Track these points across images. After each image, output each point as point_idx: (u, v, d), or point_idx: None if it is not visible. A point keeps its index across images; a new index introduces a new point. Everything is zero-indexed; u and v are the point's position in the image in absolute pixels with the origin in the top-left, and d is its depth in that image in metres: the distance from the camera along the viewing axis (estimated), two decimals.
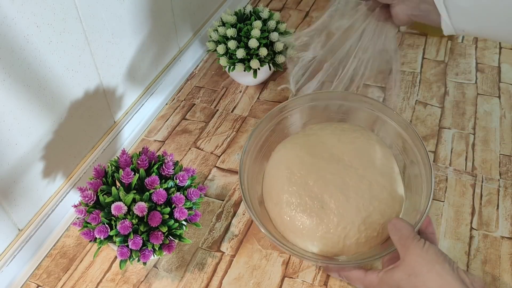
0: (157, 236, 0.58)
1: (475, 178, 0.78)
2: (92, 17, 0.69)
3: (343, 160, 0.67)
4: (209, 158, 0.83)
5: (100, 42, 0.72)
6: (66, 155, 0.72)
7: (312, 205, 0.63)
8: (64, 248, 0.71)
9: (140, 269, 0.68)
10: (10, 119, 0.60)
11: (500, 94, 0.93)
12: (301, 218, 0.63)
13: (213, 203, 0.76)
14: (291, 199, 0.64)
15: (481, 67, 0.99)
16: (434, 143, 0.84)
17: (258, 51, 0.86)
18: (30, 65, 0.60)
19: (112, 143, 0.81)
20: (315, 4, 1.21)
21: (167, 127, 0.89)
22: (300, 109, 0.74)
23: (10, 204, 0.64)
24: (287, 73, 0.77)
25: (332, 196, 0.63)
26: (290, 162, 0.67)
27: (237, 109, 0.92)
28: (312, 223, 0.62)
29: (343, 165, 0.66)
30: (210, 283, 0.66)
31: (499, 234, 0.70)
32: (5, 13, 0.54)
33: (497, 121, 0.87)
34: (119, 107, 0.83)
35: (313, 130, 0.73)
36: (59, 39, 0.64)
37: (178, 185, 0.62)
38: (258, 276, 0.66)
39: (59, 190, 0.73)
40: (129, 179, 0.60)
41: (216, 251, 0.70)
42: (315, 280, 0.66)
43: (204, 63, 1.04)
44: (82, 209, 0.59)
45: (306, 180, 0.65)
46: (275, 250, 0.69)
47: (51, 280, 0.67)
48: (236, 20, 0.89)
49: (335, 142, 0.69)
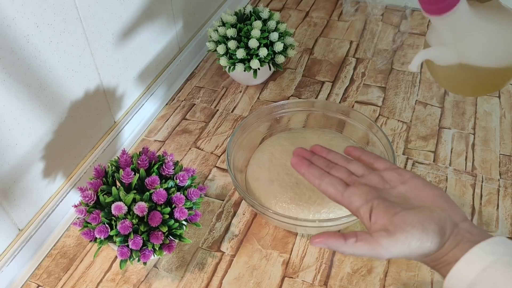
0: (157, 236, 0.58)
1: (475, 178, 0.78)
2: (92, 17, 0.69)
3: None
4: (209, 158, 0.83)
5: (100, 42, 0.72)
6: (66, 155, 0.73)
7: (288, 181, 0.71)
8: (64, 248, 0.71)
9: (140, 269, 0.68)
10: (10, 119, 0.60)
11: (500, 94, 0.93)
12: (277, 191, 0.70)
13: (213, 203, 0.76)
14: (270, 175, 0.73)
15: None
16: (434, 143, 0.84)
17: (258, 51, 0.86)
18: (30, 65, 0.60)
19: (112, 143, 0.81)
20: (315, 4, 1.22)
21: (167, 127, 0.89)
22: (293, 113, 0.82)
23: (10, 204, 0.64)
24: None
25: None
26: (273, 148, 0.77)
27: (237, 109, 0.92)
28: (287, 196, 0.69)
29: None
30: (210, 283, 0.66)
31: (499, 234, 0.70)
32: (5, 13, 0.54)
33: (497, 121, 0.87)
34: (119, 107, 0.83)
35: (297, 130, 0.82)
36: (59, 39, 0.64)
37: (178, 185, 0.62)
38: (258, 276, 0.66)
39: (59, 190, 0.73)
40: (129, 179, 0.60)
41: (216, 251, 0.70)
42: (315, 280, 0.66)
43: (204, 63, 1.04)
44: (83, 209, 0.59)
45: (285, 161, 0.74)
46: (275, 250, 0.69)
47: (51, 280, 0.67)
48: (236, 20, 0.89)
49: (315, 139, 0.78)
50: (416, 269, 0.66)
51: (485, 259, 0.39)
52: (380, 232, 0.42)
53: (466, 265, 0.39)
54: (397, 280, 0.65)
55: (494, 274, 0.38)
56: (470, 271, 0.39)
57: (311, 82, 0.98)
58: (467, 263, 0.39)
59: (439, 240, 0.41)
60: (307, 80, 0.98)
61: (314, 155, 0.55)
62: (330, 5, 1.21)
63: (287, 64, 1.02)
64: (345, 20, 1.14)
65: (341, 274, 0.66)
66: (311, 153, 0.55)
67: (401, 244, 0.41)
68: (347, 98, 0.94)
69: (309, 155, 0.54)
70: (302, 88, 0.96)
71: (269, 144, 0.78)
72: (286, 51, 0.90)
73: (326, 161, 0.53)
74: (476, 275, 0.38)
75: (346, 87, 0.96)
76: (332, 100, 0.93)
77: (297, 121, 0.83)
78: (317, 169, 0.52)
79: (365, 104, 0.92)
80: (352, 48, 1.07)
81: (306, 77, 0.99)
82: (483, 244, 0.40)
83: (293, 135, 0.79)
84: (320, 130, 0.80)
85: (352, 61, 1.03)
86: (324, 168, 0.52)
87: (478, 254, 0.39)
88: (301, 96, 0.94)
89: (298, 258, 0.68)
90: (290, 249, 0.69)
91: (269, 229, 0.72)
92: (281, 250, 0.69)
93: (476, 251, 0.39)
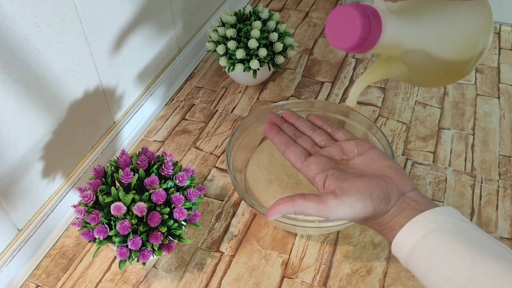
0: (157, 236, 0.58)
1: (474, 179, 0.78)
2: (92, 17, 0.69)
3: None
4: (209, 158, 0.83)
5: (100, 42, 0.72)
6: (66, 155, 0.72)
7: (288, 181, 0.71)
8: (63, 248, 0.71)
9: (140, 269, 0.68)
10: (10, 119, 0.60)
11: (499, 95, 0.93)
12: (277, 191, 0.70)
13: (213, 204, 0.76)
14: (269, 175, 0.72)
15: (481, 67, 0.99)
16: (434, 143, 0.84)
17: (257, 52, 0.86)
18: (30, 65, 0.60)
19: (111, 143, 0.81)
20: (314, 5, 1.22)
21: (167, 127, 0.89)
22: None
23: (9, 204, 0.64)
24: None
25: None
26: (273, 148, 0.76)
27: (237, 109, 0.92)
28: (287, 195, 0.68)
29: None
30: (209, 283, 0.66)
31: (498, 235, 0.70)
32: (5, 13, 0.54)
33: (496, 121, 0.87)
34: (118, 107, 0.83)
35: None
36: (59, 39, 0.64)
37: (177, 185, 0.62)
38: (258, 277, 0.66)
39: (59, 190, 0.73)
40: (129, 179, 0.60)
41: (215, 251, 0.70)
42: (315, 280, 0.66)
43: (203, 63, 1.04)
44: (82, 209, 0.59)
45: (285, 162, 0.73)
46: (275, 251, 0.69)
47: (50, 280, 0.67)
48: (236, 21, 0.89)
49: None
50: None
51: (426, 226, 0.41)
52: (328, 194, 0.46)
53: (408, 231, 0.42)
54: (396, 281, 0.65)
55: (433, 240, 0.40)
56: (412, 236, 0.42)
57: (310, 83, 0.98)
58: (409, 229, 0.42)
59: (383, 206, 0.44)
60: (307, 80, 0.98)
61: (285, 122, 0.59)
62: (330, 5, 1.21)
63: (287, 64, 1.02)
64: None
65: (341, 274, 0.66)
66: (282, 120, 0.59)
67: (346, 206, 0.44)
68: (346, 99, 0.93)
69: (280, 122, 0.59)
70: (302, 88, 0.96)
71: (269, 145, 0.78)
72: (286, 52, 0.90)
73: (294, 130, 0.57)
74: (417, 240, 0.41)
75: (346, 87, 0.96)
76: (332, 100, 0.93)
77: None
78: (284, 136, 0.56)
79: (364, 105, 0.92)
80: None
81: (306, 78, 0.99)
82: (427, 213, 0.42)
83: None
84: None
85: (352, 62, 1.03)
86: (291, 136, 0.56)
87: (421, 221, 0.42)
88: (300, 96, 0.94)
89: (298, 259, 0.68)
90: (289, 249, 0.69)
91: (269, 229, 0.72)
92: (281, 250, 0.69)
93: (419, 218, 0.42)
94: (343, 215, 0.45)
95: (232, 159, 0.73)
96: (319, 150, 0.54)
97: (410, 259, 0.42)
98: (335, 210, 0.44)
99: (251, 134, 0.78)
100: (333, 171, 0.48)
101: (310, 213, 0.45)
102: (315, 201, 0.45)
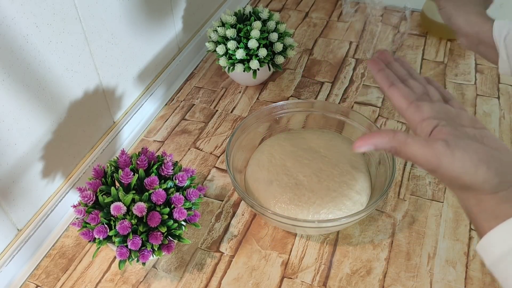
0: (156, 236, 0.58)
1: None
2: (91, 17, 0.69)
3: (319, 151, 0.75)
4: (209, 158, 0.83)
5: (99, 42, 0.72)
6: (66, 155, 0.72)
7: (288, 182, 0.71)
8: (63, 248, 0.71)
9: (139, 269, 0.68)
10: (10, 119, 0.60)
11: (499, 95, 0.93)
12: (276, 191, 0.70)
13: (212, 204, 0.76)
14: (269, 175, 0.72)
15: (481, 68, 0.99)
16: None
17: (257, 52, 0.86)
18: (30, 65, 0.60)
19: (111, 143, 0.81)
20: (314, 5, 1.22)
21: (167, 127, 0.89)
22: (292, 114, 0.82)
23: (9, 204, 0.64)
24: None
25: (306, 176, 0.71)
26: (273, 149, 0.77)
27: (237, 109, 0.92)
28: (286, 196, 0.69)
29: (319, 155, 0.75)
30: (209, 283, 0.66)
31: None
32: (4, 13, 0.54)
33: (496, 122, 0.87)
34: (118, 107, 0.83)
35: (296, 130, 0.83)
36: (59, 39, 0.64)
37: (177, 186, 0.62)
38: (257, 277, 0.66)
39: (58, 190, 0.73)
40: (129, 179, 0.60)
41: (215, 251, 0.70)
42: (314, 280, 0.66)
43: (203, 63, 1.04)
44: (81, 209, 0.59)
45: (285, 162, 0.74)
46: (274, 251, 0.69)
47: (50, 280, 0.67)
48: (236, 21, 0.89)
49: (314, 139, 0.78)
50: (415, 270, 0.66)
51: None
52: (437, 140, 0.38)
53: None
54: (396, 281, 0.65)
55: None
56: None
57: (310, 83, 0.98)
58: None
59: (496, 181, 0.36)
60: (307, 80, 0.98)
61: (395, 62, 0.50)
62: (329, 5, 1.21)
63: (287, 64, 1.02)
64: (345, 21, 1.14)
65: (340, 274, 0.66)
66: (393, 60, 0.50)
67: (457, 160, 0.37)
68: (346, 99, 0.94)
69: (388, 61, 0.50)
70: (302, 88, 0.96)
71: (269, 145, 0.78)
72: (286, 52, 0.90)
73: (405, 72, 0.48)
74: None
75: (346, 87, 0.96)
76: (332, 100, 0.93)
77: (297, 121, 0.83)
78: (391, 74, 0.47)
79: (364, 105, 0.92)
80: (351, 48, 1.07)
81: (306, 78, 0.99)
82: None
83: (293, 136, 0.79)
84: (320, 131, 0.80)
85: (352, 62, 1.03)
86: (400, 76, 0.47)
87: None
88: (300, 96, 0.94)
89: (297, 259, 0.68)
90: (289, 249, 0.69)
91: (268, 229, 0.72)
92: (280, 250, 0.69)
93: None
94: (446, 168, 0.37)
95: (232, 159, 0.73)
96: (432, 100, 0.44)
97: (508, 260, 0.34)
98: (441, 158, 0.37)
99: (251, 134, 0.78)
100: (448, 123, 0.40)
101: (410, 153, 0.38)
102: (420, 142, 0.38)
